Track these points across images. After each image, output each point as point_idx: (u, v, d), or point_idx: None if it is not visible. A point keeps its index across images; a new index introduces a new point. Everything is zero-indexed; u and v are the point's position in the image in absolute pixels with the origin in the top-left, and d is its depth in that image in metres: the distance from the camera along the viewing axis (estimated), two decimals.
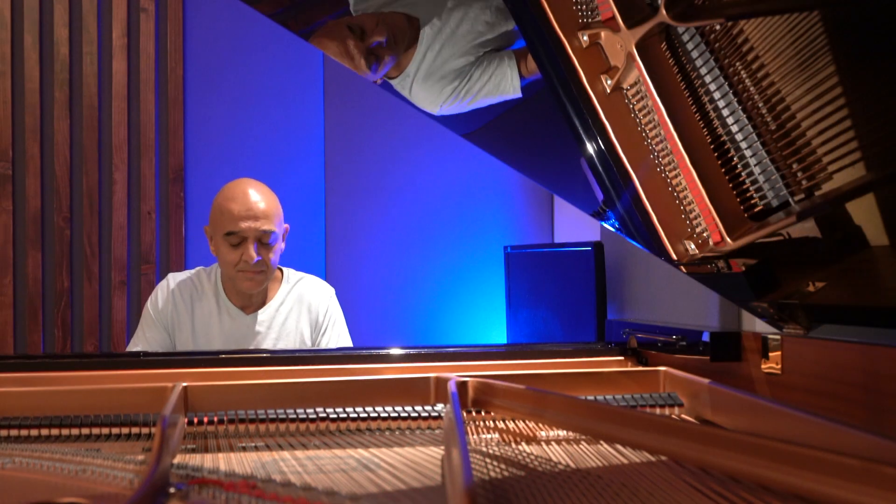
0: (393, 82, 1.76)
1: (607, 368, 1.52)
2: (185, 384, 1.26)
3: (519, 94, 1.63)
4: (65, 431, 1.21)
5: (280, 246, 2.24)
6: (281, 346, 2.28)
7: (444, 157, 3.58)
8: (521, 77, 1.62)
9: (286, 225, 2.29)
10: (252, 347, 2.25)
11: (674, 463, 0.97)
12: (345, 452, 1.11)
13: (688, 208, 1.32)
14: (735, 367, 1.35)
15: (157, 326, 2.26)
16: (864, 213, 1.06)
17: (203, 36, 3.41)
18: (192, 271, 2.36)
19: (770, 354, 1.26)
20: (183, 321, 2.26)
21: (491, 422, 1.24)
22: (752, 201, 1.22)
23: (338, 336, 2.33)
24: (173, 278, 2.32)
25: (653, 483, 0.91)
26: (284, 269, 2.38)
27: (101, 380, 1.43)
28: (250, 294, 2.26)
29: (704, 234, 1.30)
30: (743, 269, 1.35)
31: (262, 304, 2.30)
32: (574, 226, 3.47)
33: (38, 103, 3.23)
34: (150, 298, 2.30)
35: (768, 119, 1.13)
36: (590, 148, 1.41)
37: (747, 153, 1.19)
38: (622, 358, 1.59)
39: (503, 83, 1.64)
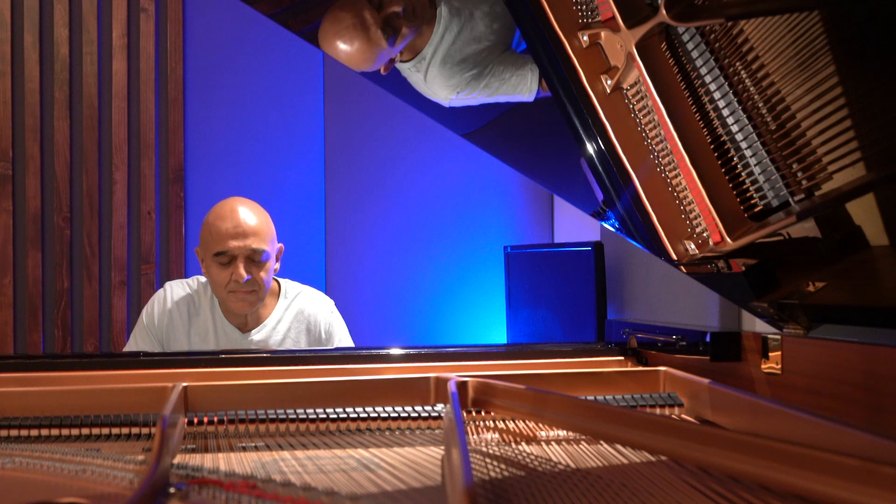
0: (406, 66, 1.71)
1: (607, 368, 1.52)
2: (185, 384, 1.26)
3: (531, 100, 1.62)
4: (65, 431, 1.21)
5: (274, 266, 2.17)
6: None
7: (444, 157, 3.58)
8: (540, 90, 1.61)
9: (280, 245, 2.21)
10: None
11: (674, 463, 0.97)
12: (345, 452, 1.11)
13: (688, 208, 1.32)
14: (735, 367, 1.35)
15: (151, 340, 2.20)
16: (864, 213, 1.06)
17: (203, 36, 3.41)
18: (191, 282, 2.28)
19: (770, 354, 1.26)
20: (179, 337, 2.20)
21: (491, 422, 1.24)
22: (752, 201, 1.22)
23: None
24: (171, 290, 2.25)
25: (653, 483, 0.91)
26: (282, 281, 2.30)
27: (101, 380, 1.43)
28: (245, 312, 2.20)
29: (704, 234, 1.30)
30: (743, 269, 1.35)
31: (260, 322, 2.22)
32: (574, 226, 3.47)
33: (38, 103, 3.23)
34: (146, 309, 2.23)
35: (768, 119, 1.13)
36: (590, 148, 1.41)
37: (747, 153, 1.19)
38: (622, 358, 1.59)
39: (521, 85, 1.62)
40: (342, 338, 2.30)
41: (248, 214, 2.12)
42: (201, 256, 2.18)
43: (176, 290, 2.26)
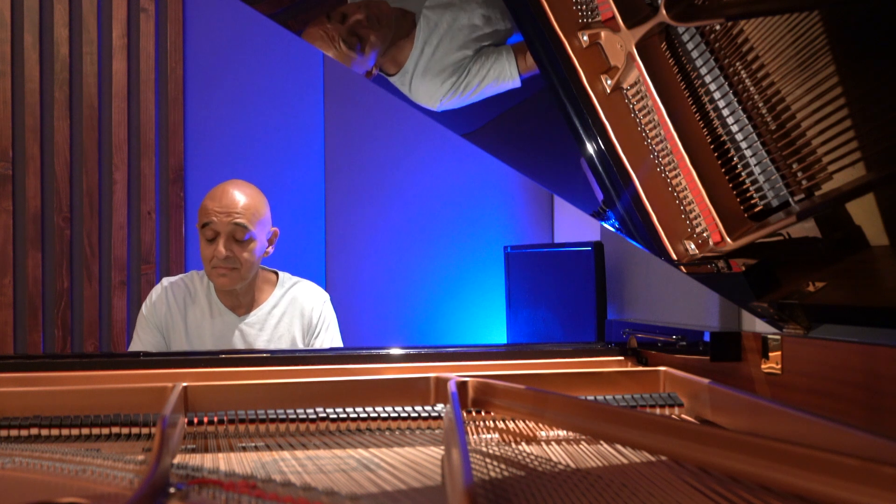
0: (392, 79, 1.75)
1: (607, 368, 1.52)
2: (185, 384, 1.26)
3: (518, 84, 1.63)
4: (65, 431, 1.21)
5: (265, 248, 2.26)
6: (273, 348, 2.28)
7: (444, 157, 3.57)
8: (520, 72, 1.62)
9: (274, 229, 2.29)
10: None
11: (674, 463, 0.97)
12: (345, 452, 1.11)
13: (688, 208, 1.32)
14: (735, 367, 1.35)
15: (152, 328, 2.28)
16: (864, 213, 1.06)
17: (203, 36, 3.41)
18: (186, 274, 2.38)
19: (770, 354, 1.26)
20: (176, 322, 2.27)
21: (491, 422, 1.24)
22: (752, 201, 1.22)
23: (331, 340, 2.34)
24: (166, 280, 2.35)
25: (653, 483, 0.91)
26: (280, 273, 2.39)
27: (101, 380, 1.43)
28: (239, 295, 2.27)
29: (704, 234, 1.30)
30: (743, 269, 1.35)
31: (255, 306, 2.31)
32: (574, 226, 3.47)
33: (38, 103, 3.23)
34: (145, 302, 2.32)
35: (768, 119, 1.13)
36: (590, 148, 1.41)
37: (747, 153, 1.19)
38: (622, 358, 1.59)
39: (502, 75, 1.64)
40: (332, 329, 2.36)
41: (238, 193, 2.21)
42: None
43: (171, 279, 2.36)
